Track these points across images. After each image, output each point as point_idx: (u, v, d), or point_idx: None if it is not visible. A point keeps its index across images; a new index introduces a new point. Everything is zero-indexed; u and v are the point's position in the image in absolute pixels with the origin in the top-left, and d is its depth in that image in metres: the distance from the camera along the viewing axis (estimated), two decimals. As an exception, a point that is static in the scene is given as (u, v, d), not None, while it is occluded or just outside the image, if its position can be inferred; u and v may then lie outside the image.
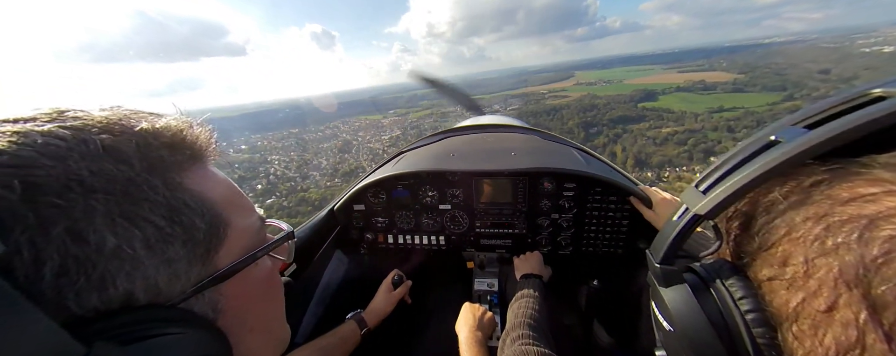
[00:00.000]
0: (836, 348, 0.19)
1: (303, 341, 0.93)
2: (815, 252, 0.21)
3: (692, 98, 79.14)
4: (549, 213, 1.28)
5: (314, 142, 74.13)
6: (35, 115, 0.24)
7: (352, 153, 63.44)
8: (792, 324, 0.22)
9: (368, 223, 1.39)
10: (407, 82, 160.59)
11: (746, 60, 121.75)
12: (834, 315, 0.20)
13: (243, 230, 0.32)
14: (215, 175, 0.32)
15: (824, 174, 0.23)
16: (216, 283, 0.28)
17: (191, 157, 0.29)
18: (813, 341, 0.21)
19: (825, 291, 0.20)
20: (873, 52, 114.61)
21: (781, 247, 0.23)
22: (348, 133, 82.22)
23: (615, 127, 59.90)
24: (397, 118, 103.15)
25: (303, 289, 1.17)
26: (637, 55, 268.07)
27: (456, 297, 1.22)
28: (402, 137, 63.03)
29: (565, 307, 1.43)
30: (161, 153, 0.27)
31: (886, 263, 0.18)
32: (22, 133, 0.22)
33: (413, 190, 1.32)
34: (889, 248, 0.18)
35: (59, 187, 0.21)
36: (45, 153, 0.21)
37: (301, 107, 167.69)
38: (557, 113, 71.41)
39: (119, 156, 0.24)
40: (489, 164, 1.25)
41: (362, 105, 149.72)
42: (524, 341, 0.77)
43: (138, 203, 0.24)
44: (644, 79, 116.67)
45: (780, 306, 0.23)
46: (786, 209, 0.24)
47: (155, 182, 0.25)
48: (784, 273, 0.23)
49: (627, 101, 78.37)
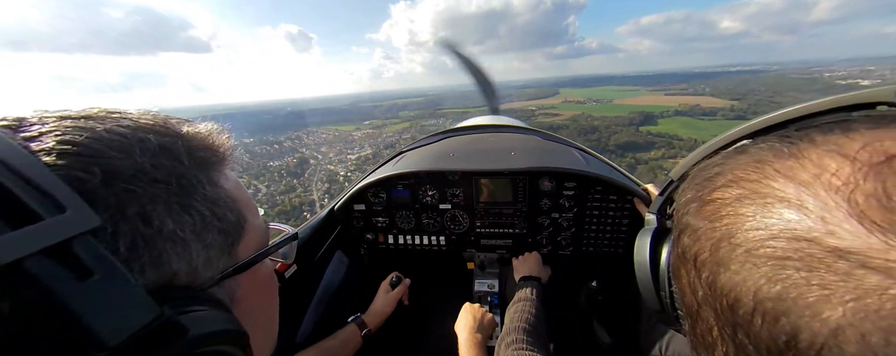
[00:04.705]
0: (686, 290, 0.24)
1: (303, 341, 0.95)
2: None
3: (695, 123, 73.79)
4: (549, 213, 1.28)
5: (264, 157, 60.37)
6: (88, 112, 0.26)
7: (304, 176, 50.29)
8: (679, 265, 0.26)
9: (369, 223, 1.39)
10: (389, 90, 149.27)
11: (726, 86, 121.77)
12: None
13: (256, 228, 0.35)
14: (233, 177, 0.35)
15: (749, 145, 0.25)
16: (236, 274, 0.31)
17: (219, 160, 0.32)
18: (677, 286, 0.26)
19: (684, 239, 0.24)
20: (849, 85, 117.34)
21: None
22: (310, 147, 68.96)
23: (626, 156, 51.52)
24: (372, 130, 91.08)
25: (303, 289, 1.15)
26: (617, 76, 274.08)
27: (456, 298, 1.20)
28: (371, 158, 51.01)
29: (565, 307, 1.40)
30: (202, 154, 0.30)
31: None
32: (86, 128, 0.24)
33: (413, 190, 1.32)
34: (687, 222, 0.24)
35: (130, 175, 0.23)
36: (112, 146, 0.24)
37: (272, 111, 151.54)
38: (556, 133, 62.52)
39: (171, 153, 0.27)
40: (489, 164, 1.26)
41: (338, 113, 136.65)
42: (518, 346, 0.78)
43: (190, 194, 0.27)
44: (634, 100, 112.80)
45: (681, 249, 0.25)
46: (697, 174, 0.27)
47: (201, 177, 0.28)
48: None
49: (627, 124, 71.53)
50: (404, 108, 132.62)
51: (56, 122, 0.24)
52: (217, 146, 0.33)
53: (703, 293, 0.22)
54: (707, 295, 0.21)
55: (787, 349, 0.16)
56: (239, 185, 0.34)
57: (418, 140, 1.77)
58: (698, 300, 0.22)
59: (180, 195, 0.26)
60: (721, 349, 0.21)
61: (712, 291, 0.20)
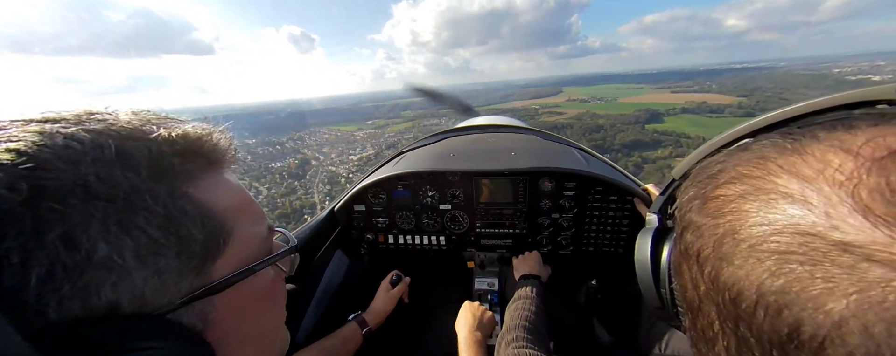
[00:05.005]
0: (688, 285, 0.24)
1: (303, 341, 0.95)
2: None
3: (703, 121, 72.70)
4: (549, 213, 1.28)
5: (266, 158, 60.08)
6: (64, 114, 0.25)
7: (306, 178, 50.01)
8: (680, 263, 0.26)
9: (369, 223, 1.39)
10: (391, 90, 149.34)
11: (733, 83, 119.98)
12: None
13: (249, 238, 0.32)
14: (228, 182, 0.32)
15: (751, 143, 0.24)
16: (207, 296, 0.27)
17: (205, 165, 0.29)
18: (678, 282, 0.27)
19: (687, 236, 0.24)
20: (859, 80, 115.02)
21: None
22: (312, 148, 68.63)
23: (632, 155, 50.55)
24: (374, 130, 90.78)
25: (303, 289, 1.15)
26: (620, 74, 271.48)
27: (456, 297, 1.20)
28: (373, 159, 50.51)
29: (565, 307, 1.40)
30: (172, 161, 0.27)
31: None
32: (48, 134, 0.22)
33: (413, 190, 1.32)
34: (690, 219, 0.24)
35: (63, 192, 0.21)
36: (61, 156, 0.22)
37: (274, 112, 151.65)
38: (559, 133, 61.27)
39: (129, 162, 0.24)
40: (489, 164, 1.26)
41: (340, 113, 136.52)
42: (518, 344, 0.78)
43: (136, 212, 0.23)
44: (639, 98, 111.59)
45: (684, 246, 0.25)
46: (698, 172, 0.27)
47: (158, 191, 0.25)
48: None
49: (633, 122, 70.64)
50: (406, 107, 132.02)
51: (19, 127, 0.22)
52: (203, 151, 0.30)
53: (705, 288, 0.22)
54: (709, 290, 0.21)
55: (789, 341, 0.16)
56: (233, 191, 0.32)
57: (418, 140, 1.75)
58: (700, 295, 0.22)
59: (124, 213, 0.23)
60: (722, 343, 0.21)
61: (715, 286, 0.20)
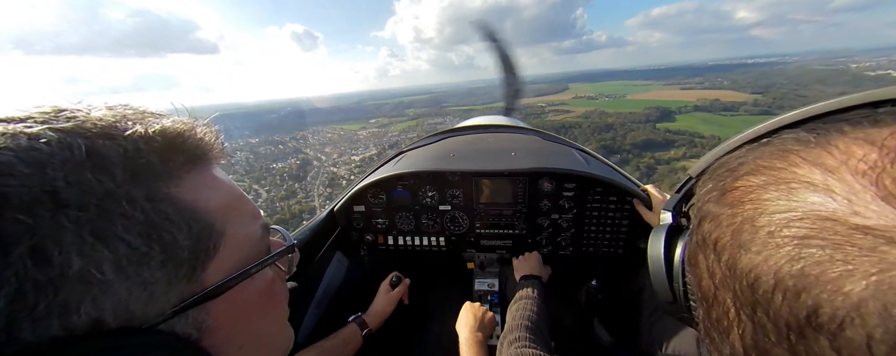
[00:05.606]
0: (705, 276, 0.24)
1: (303, 343, 0.95)
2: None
3: (716, 119, 70.44)
4: (549, 214, 1.28)
5: (267, 158, 59.08)
6: (31, 113, 0.22)
7: (307, 180, 48.98)
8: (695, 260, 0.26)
9: (368, 224, 1.38)
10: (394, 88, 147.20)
11: (746, 79, 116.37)
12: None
13: (243, 239, 0.30)
14: (216, 180, 0.30)
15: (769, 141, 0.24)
16: (201, 303, 0.26)
17: (188, 163, 0.27)
18: (693, 274, 0.26)
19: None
20: (878, 76, 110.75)
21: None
22: (314, 147, 67.62)
23: (644, 155, 48.67)
24: (378, 129, 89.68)
25: (303, 291, 1.15)
26: (627, 70, 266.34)
27: (456, 298, 1.21)
28: (375, 159, 49.23)
29: (565, 307, 1.40)
30: (150, 160, 0.24)
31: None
32: (10, 134, 0.20)
33: (413, 190, 1.31)
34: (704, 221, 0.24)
35: (29, 200, 0.19)
36: (25, 159, 0.20)
37: (277, 110, 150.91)
38: (568, 132, 59.93)
39: (102, 163, 0.22)
40: (489, 165, 1.26)
41: (344, 111, 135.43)
42: (521, 344, 0.79)
43: (113, 219, 0.21)
44: (648, 95, 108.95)
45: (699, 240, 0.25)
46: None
47: (136, 194, 0.23)
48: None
49: (643, 121, 68.79)
50: (410, 105, 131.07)
51: None
52: (186, 147, 0.27)
53: (721, 276, 0.22)
54: (725, 277, 0.21)
55: (807, 324, 0.16)
56: (222, 190, 0.30)
57: (418, 140, 1.76)
58: (716, 283, 0.23)
59: (98, 222, 0.21)
60: (737, 331, 0.21)
61: (732, 273, 0.21)
